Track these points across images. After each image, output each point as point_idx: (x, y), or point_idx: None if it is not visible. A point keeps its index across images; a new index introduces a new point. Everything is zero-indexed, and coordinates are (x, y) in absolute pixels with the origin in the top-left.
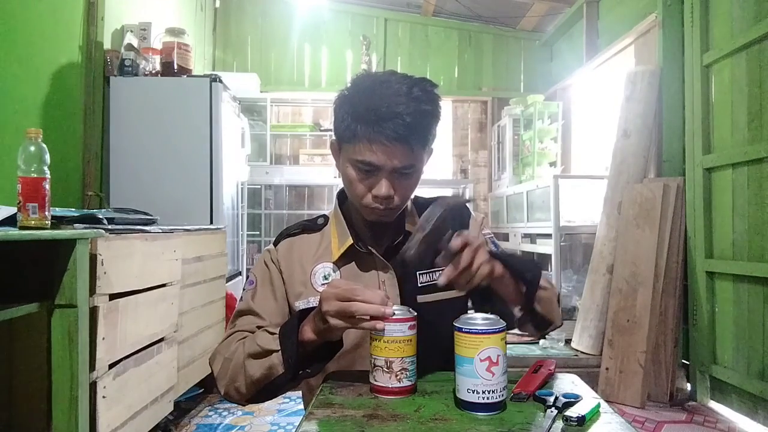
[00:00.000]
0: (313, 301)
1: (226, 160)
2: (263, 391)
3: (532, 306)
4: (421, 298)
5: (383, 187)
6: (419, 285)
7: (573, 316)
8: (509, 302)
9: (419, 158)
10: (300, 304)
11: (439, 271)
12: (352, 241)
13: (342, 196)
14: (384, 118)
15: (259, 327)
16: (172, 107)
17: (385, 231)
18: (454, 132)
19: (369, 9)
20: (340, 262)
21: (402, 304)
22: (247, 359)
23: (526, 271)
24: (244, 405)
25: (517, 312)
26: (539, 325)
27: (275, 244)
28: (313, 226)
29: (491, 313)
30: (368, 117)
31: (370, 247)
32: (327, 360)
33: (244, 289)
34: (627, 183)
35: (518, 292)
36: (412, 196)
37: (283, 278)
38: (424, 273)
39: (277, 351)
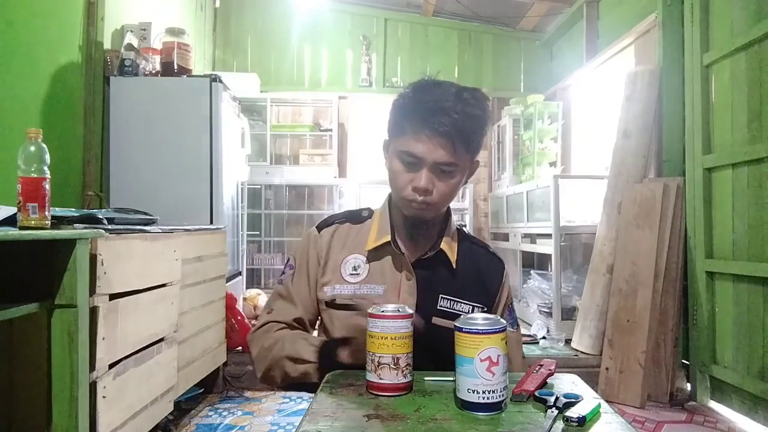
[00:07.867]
0: (339, 288)
1: (226, 160)
2: (294, 386)
3: None
4: (436, 320)
5: (423, 179)
6: (438, 308)
7: (573, 316)
8: None
9: (461, 159)
10: (327, 290)
11: (460, 302)
12: (389, 238)
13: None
14: (431, 113)
15: (294, 320)
16: (172, 107)
17: (421, 239)
18: None
19: (369, 9)
20: (372, 256)
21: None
22: (286, 360)
23: None
24: (276, 390)
25: None
26: None
27: (319, 229)
28: (357, 217)
29: None
30: (417, 111)
31: (404, 251)
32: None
33: (283, 272)
34: (627, 183)
35: None
36: (463, 228)
37: (319, 264)
38: (446, 298)
39: (314, 363)
